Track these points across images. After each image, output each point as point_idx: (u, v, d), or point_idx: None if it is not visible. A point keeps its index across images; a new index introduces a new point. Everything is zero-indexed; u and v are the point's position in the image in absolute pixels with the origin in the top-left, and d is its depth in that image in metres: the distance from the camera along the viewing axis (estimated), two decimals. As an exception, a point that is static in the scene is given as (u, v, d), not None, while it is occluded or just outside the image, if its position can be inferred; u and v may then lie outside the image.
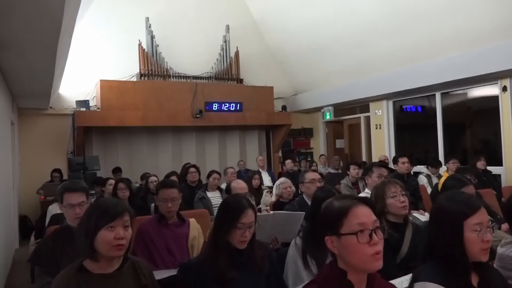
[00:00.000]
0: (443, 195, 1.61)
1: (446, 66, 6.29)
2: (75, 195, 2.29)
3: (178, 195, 2.69)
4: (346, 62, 8.07)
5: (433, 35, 6.20)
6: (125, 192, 4.46)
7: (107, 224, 1.56)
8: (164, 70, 8.52)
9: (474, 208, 1.45)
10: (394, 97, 8.22)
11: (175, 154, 8.88)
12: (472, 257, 1.44)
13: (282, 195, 4.06)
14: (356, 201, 1.33)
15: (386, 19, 6.61)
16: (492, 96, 6.50)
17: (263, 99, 9.19)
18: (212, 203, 4.65)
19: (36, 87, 5.57)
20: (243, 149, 9.69)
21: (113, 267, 1.62)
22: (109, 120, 7.64)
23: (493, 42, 5.57)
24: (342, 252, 1.29)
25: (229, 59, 9.12)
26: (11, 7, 2.68)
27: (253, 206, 1.93)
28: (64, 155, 7.99)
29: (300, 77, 9.75)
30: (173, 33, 8.71)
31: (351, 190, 5.22)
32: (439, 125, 7.42)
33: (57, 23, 2.94)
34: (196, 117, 8.29)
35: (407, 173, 5.06)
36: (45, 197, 6.66)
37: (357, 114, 9.39)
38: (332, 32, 7.71)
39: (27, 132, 7.76)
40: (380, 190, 2.36)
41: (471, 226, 1.43)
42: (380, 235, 1.27)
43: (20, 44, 3.53)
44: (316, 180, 3.31)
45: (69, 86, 7.83)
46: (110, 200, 1.67)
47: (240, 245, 1.83)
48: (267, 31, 9.59)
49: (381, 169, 3.67)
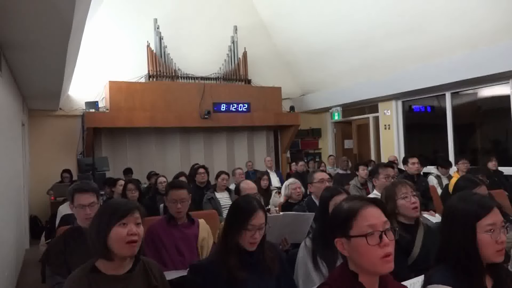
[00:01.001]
0: (455, 196, 1.58)
1: (456, 65, 6.24)
2: (86, 195, 2.31)
3: (188, 196, 2.69)
4: (354, 62, 8.03)
5: (442, 34, 6.15)
6: (134, 193, 4.47)
7: (119, 221, 1.58)
8: (172, 71, 8.55)
9: (487, 209, 1.42)
10: (403, 97, 8.16)
11: (183, 155, 8.91)
12: (486, 259, 1.40)
13: (291, 196, 4.04)
14: (366, 202, 1.31)
15: (395, 19, 6.57)
16: (503, 95, 6.42)
17: (271, 99, 9.19)
18: (221, 203, 4.66)
19: (46, 88, 5.62)
20: (251, 149, 9.70)
21: (125, 267, 1.63)
22: (118, 121, 7.70)
23: (503, 41, 5.51)
24: (352, 254, 1.27)
25: (237, 59, 9.13)
26: (22, 8, 2.70)
27: (264, 208, 1.92)
28: (73, 156, 8.06)
29: (308, 77, 9.72)
30: (181, 34, 8.74)
31: (360, 190, 5.18)
32: (449, 125, 7.35)
33: (67, 24, 2.96)
34: (204, 118, 8.31)
35: (417, 174, 5.01)
36: (55, 197, 6.71)
37: (366, 114, 9.34)
38: (340, 32, 7.68)
39: (37, 133, 7.84)
40: (391, 191, 2.33)
41: (484, 227, 1.39)
42: (391, 237, 1.25)
43: (30, 45, 3.56)
44: (325, 180, 3.29)
45: (78, 88, 7.90)
46: (120, 200, 1.68)
47: (250, 246, 1.82)
48: (275, 31, 9.58)
49: (387, 170, 3.62)
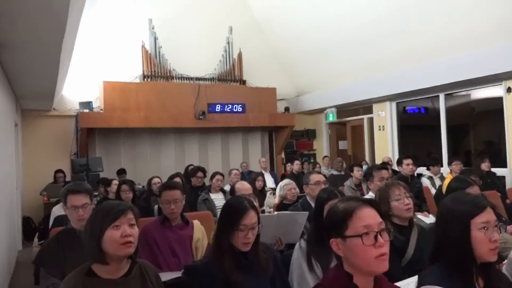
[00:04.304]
0: (449, 197, 1.60)
1: (450, 67, 6.27)
2: (79, 197, 2.31)
3: (181, 196, 2.68)
4: (349, 63, 8.05)
5: (437, 36, 6.18)
6: (129, 194, 4.45)
7: (112, 223, 1.55)
8: (167, 71, 8.53)
9: (480, 207, 1.44)
10: (397, 98, 8.19)
11: (178, 156, 8.89)
12: (480, 258, 1.42)
13: (286, 197, 4.05)
14: (361, 203, 1.32)
15: (389, 20, 6.60)
16: (496, 97, 6.47)
17: (266, 100, 9.19)
18: (216, 204, 4.64)
19: (40, 89, 5.59)
20: (245, 150, 9.69)
21: (122, 270, 1.61)
22: (112, 121, 7.66)
23: (497, 43, 5.55)
24: (348, 255, 1.27)
25: (232, 60, 9.12)
26: (16, 8, 2.68)
27: (255, 207, 1.91)
28: (67, 156, 8.01)
29: (303, 78, 9.73)
30: (176, 35, 8.71)
31: (354, 192, 5.20)
32: (442, 127, 7.39)
33: (61, 25, 2.94)
34: (199, 119, 8.29)
35: (411, 175, 5.03)
36: (49, 198, 6.67)
37: (360, 115, 9.37)
38: (335, 33, 7.70)
39: (30, 133, 7.78)
40: (384, 193, 2.34)
41: (478, 225, 1.42)
42: (386, 237, 1.26)
43: (24, 45, 3.54)
44: (321, 182, 3.31)
45: (72, 88, 7.85)
46: (112, 202, 1.67)
47: (244, 247, 1.81)
48: (270, 32, 9.59)
49: (381, 172, 3.61)
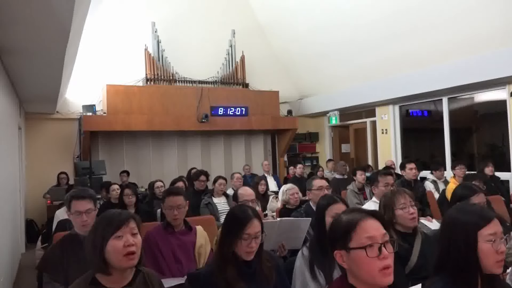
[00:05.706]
0: (454, 208, 1.59)
1: (454, 71, 6.25)
2: (83, 202, 2.32)
3: (184, 202, 2.67)
4: (352, 67, 8.04)
5: (440, 39, 6.17)
6: (131, 198, 4.45)
7: (114, 233, 1.54)
8: (170, 74, 8.55)
9: (487, 219, 1.43)
10: (400, 102, 8.17)
11: (180, 159, 8.90)
12: (485, 269, 1.41)
13: (288, 201, 4.03)
14: (365, 214, 1.31)
15: (392, 24, 6.59)
16: (499, 100, 6.45)
17: (268, 103, 9.20)
18: (218, 209, 4.63)
19: (44, 92, 5.61)
20: (248, 153, 9.70)
21: (126, 280, 1.60)
22: (115, 124, 7.68)
23: (501, 47, 5.53)
24: (352, 267, 1.27)
25: (235, 63, 9.14)
26: (19, 14, 2.69)
27: (259, 216, 1.91)
28: (70, 159, 8.03)
29: (306, 82, 9.73)
30: (179, 38, 8.74)
31: (357, 196, 5.18)
32: (445, 130, 7.37)
33: (65, 30, 2.95)
34: (201, 122, 8.30)
35: (414, 179, 5.01)
36: (52, 201, 6.69)
37: (363, 118, 9.36)
38: (338, 37, 7.70)
39: (33, 137, 7.81)
40: (389, 200, 2.32)
41: (485, 237, 1.40)
42: (390, 249, 1.25)
43: (28, 50, 3.55)
44: (324, 187, 3.29)
45: (75, 91, 7.88)
46: (114, 211, 1.66)
47: (247, 256, 1.80)
48: (273, 35, 9.59)
49: (386, 178, 3.58)
